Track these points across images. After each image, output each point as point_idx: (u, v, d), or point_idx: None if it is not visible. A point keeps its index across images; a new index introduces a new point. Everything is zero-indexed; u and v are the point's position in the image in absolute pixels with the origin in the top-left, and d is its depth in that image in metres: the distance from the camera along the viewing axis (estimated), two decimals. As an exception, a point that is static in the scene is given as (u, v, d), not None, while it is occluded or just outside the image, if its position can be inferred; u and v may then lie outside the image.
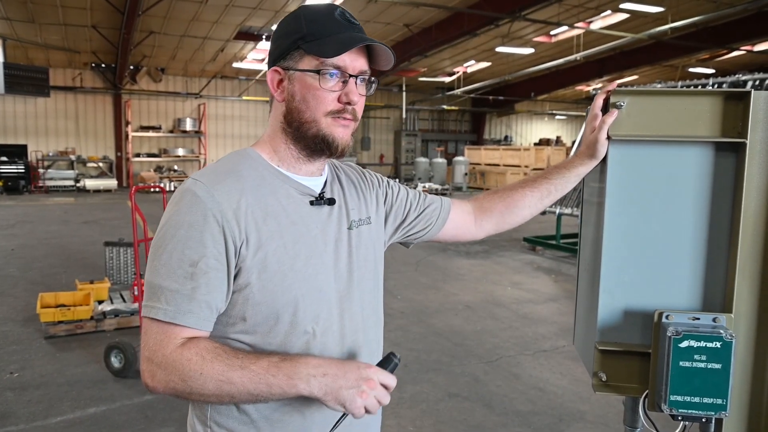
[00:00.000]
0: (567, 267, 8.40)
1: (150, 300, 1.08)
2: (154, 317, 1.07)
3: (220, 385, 1.03)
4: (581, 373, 4.31)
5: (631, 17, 14.85)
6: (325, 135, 1.15)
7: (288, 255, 1.13)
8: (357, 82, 1.15)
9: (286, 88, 1.16)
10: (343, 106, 1.14)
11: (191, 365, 1.03)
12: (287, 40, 1.15)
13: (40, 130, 21.11)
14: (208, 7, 13.73)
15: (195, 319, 1.07)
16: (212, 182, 1.11)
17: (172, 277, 1.06)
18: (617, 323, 1.16)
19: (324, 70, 1.12)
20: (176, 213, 1.09)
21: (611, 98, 1.11)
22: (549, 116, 31.52)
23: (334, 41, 1.11)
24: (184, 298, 1.06)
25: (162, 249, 1.08)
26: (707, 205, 1.11)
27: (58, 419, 3.57)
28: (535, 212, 1.47)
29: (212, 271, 1.07)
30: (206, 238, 1.07)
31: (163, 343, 1.06)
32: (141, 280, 5.04)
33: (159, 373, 1.05)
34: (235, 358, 1.05)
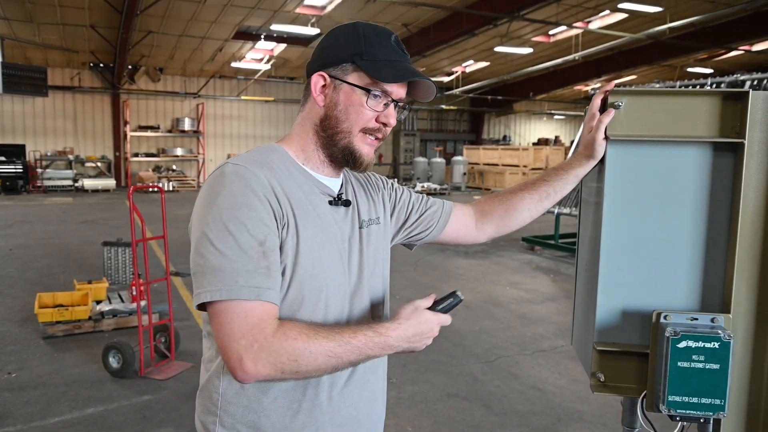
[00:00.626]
0: (565, 267, 8.41)
1: (220, 283, 1.05)
2: (237, 297, 1.05)
3: (328, 360, 1.07)
4: (580, 373, 4.31)
5: (630, 17, 14.86)
6: (354, 149, 1.21)
7: (317, 244, 1.18)
8: (397, 107, 1.22)
9: (329, 95, 1.20)
10: (380, 126, 1.21)
11: (299, 344, 1.05)
12: (342, 51, 1.20)
13: (39, 130, 21.09)
14: (207, 6, 13.71)
15: (275, 294, 1.09)
16: (253, 166, 1.15)
17: (244, 258, 1.06)
18: (615, 323, 1.16)
19: (374, 91, 1.18)
20: (227, 195, 1.09)
21: (609, 98, 1.11)
22: (547, 116, 31.54)
23: (390, 67, 1.17)
24: (263, 276, 1.07)
25: (223, 232, 1.07)
26: (705, 205, 1.11)
27: (56, 420, 3.56)
28: (535, 215, 1.48)
29: (276, 249, 1.11)
30: (264, 217, 1.10)
31: (259, 327, 1.05)
32: (139, 280, 5.04)
33: (263, 356, 1.03)
34: (337, 333, 1.08)
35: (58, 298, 5.42)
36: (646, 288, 1.14)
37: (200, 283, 1.08)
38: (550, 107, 30.60)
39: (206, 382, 1.23)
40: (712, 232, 1.11)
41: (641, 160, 1.12)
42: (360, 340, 1.09)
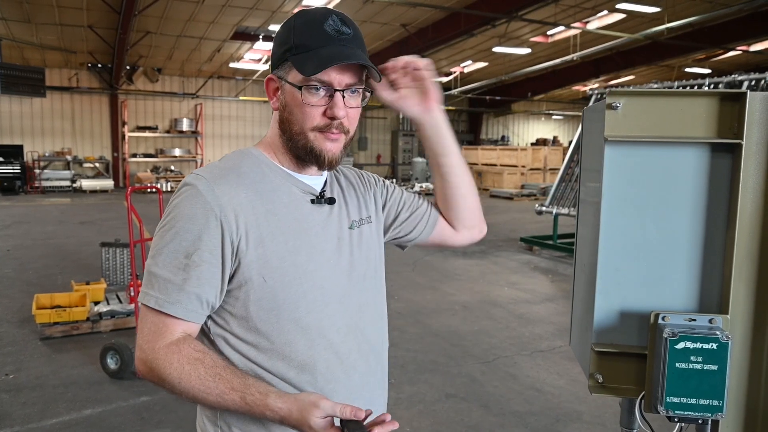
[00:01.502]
0: (564, 267, 8.41)
1: (145, 287, 1.11)
2: (146, 304, 1.10)
3: (198, 400, 1.07)
4: (578, 374, 4.31)
5: (628, 17, 14.87)
6: (313, 148, 1.15)
7: (289, 251, 1.14)
8: (347, 95, 1.13)
9: (280, 97, 1.17)
10: (329, 121, 1.13)
11: (171, 371, 1.06)
12: (279, 49, 1.15)
13: (36, 131, 21.05)
14: (205, 7, 13.70)
15: (182, 309, 1.08)
16: (214, 178, 1.13)
17: (167, 267, 1.09)
18: (613, 324, 1.16)
19: (308, 86, 1.11)
20: (177, 205, 1.12)
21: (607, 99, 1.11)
22: (546, 116, 31.55)
23: (315, 57, 1.09)
24: (175, 288, 1.08)
25: (161, 238, 1.11)
26: (703, 205, 1.11)
27: (54, 421, 3.55)
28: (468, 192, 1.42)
29: (205, 264, 1.09)
30: (203, 232, 1.09)
31: (155, 335, 1.08)
32: (137, 281, 5.02)
33: (145, 365, 1.09)
34: (212, 379, 1.05)
35: (56, 299, 5.41)
36: (644, 289, 1.14)
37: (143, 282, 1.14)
38: (548, 107, 30.62)
39: None
40: (710, 232, 1.11)
41: (639, 161, 1.11)
42: (234, 399, 1.04)
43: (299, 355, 1.16)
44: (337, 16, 1.14)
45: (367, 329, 1.27)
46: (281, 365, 1.15)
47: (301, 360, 1.16)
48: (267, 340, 1.14)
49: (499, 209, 16.06)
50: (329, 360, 1.19)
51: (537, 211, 9.87)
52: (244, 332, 1.14)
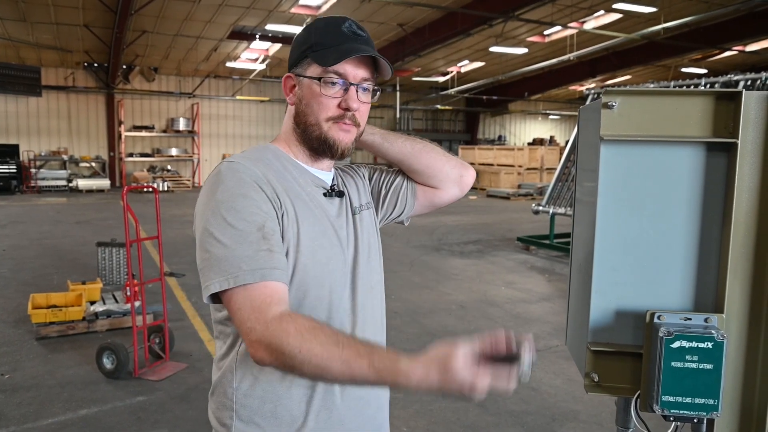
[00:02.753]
0: (560, 266, 8.42)
1: (226, 272, 1.07)
2: (242, 283, 1.06)
3: (321, 372, 1.02)
4: (575, 373, 4.31)
5: (624, 17, 14.90)
6: (327, 137, 1.24)
7: (316, 233, 1.23)
8: (358, 90, 1.24)
9: (296, 92, 1.27)
10: (343, 111, 1.23)
11: (290, 341, 1.01)
12: (299, 49, 1.27)
13: (32, 130, 20.99)
14: (201, 6, 13.68)
15: (281, 273, 1.11)
16: (248, 162, 1.20)
17: (244, 245, 1.09)
18: (609, 324, 1.16)
19: (326, 78, 1.21)
20: (223, 190, 1.14)
21: (603, 98, 1.11)
22: (542, 116, 31.60)
23: (335, 51, 1.20)
24: (265, 258, 1.10)
25: (222, 225, 1.11)
26: (699, 205, 1.11)
27: (50, 421, 3.54)
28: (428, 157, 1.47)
29: (276, 233, 1.15)
30: (261, 204, 1.14)
31: (260, 310, 1.05)
32: (133, 280, 5.02)
33: (261, 344, 1.04)
34: (336, 346, 1.01)
35: (52, 298, 5.39)
36: (639, 288, 1.14)
37: (207, 276, 1.10)
38: (545, 107, 30.66)
39: (219, 379, 1.26)
40: (705, 232, 1.12)
41: (635, 161, 1.11)
42: (362, 365, 1.00)
43: None
44: (352, 21, 1.26)
45: (375, 309, 1.37)
46: None
47: None
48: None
49: (495, 209, 16.07)
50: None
51: (534, 211, 9.88)
52: None
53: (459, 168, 1.50)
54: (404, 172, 1.51)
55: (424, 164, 1.46)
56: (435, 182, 1.49)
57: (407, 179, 1.51)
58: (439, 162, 1.47)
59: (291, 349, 1.01)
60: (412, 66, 20.59)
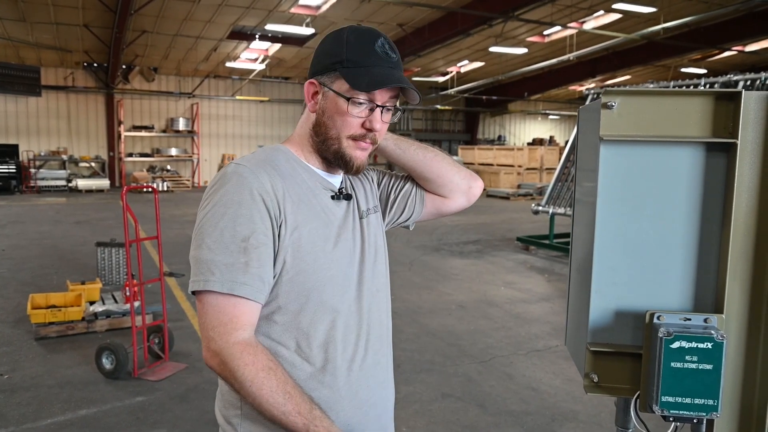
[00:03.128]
0: (560, 266, 8.42)
1: (201, 274, 1.13)
2: (210, 289, 1.12)
3: (260, 407, 1.11)
4: (574, 373, 4.31)
5: (624, 17, 14.90)
6: (344, 154, 1.26)
7: (320, 237, 1.23)
8: (383, 111, 1.24)
9: (319, 102, 1.26)
10: (365, 132, 1.24)
11: (245, 372, 1.10)
12: (327, 58, 1.24)
13: (32, 130, 20.98)
14: (201, 6, 13.68)
15: (250, 290, 1.13)
16: (254, 166, 1.20)
17: (225, 252, 1.13)
18: (609, 324, 1.16)
19: (354, 98, 1.21)
20: (224, 193, 1.16)
21: (603, 98, 1.10)
22: (542, 116, 31.60)
23: (368, 75, 1.19)
24: (239, 271, 1.12)
25: (213, 227, 1.14)
26: (698, 205, 1.11)
27: (49, 421, 3.54)
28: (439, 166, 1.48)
29: (262, 246, 1.15)
30: (255, 215, 1.15)
31: (226, 327, 1.12)
32: (133, 280, 5.02)
33: (217, 358, 1.12)
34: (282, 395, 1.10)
35: (51, 298, 5.39)
36: (639, 288, 1.14)
37: (191, 273, 1.16)
38: (544, 107, 30.66)
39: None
40: (705, 232, 1.11)
41: (634, 161, 1.11)
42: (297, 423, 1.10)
43: (322, 334, 1.23)
44: (385, 39, 1.24)
45: (381, 312, 1.37)
46: (304, 344, 1.22)
47: (323, 339, 1.23)
48: (294, 319, 1.21)
49: (495, 209, 16.07)
50: (348, 340, 1.27)
51: (533, 211, 9.88)
52: (271, 313, 1.21)
53: (468, 179, 1.52)
54: (413, 178, 1.52)
55: (435, 173, 1.47)
56: (444, 191, 1.50)
57: (416, 186, 1.52)
58: (450, 172, 1.49)
59: (242, 380, 1.10)
60: (412, 66, 20.59)
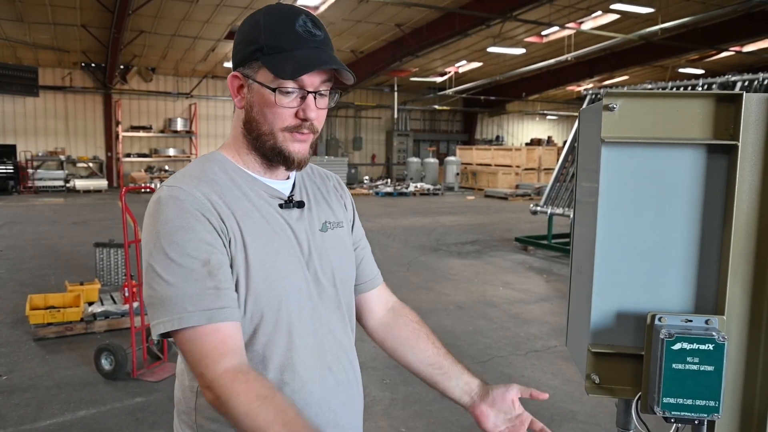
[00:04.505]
0: (558, 267, 8.43)
1: (172, 313, 1.03)
2: (188, 325, 1.03)
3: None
4: (573, 373, 4.32)
5: (622, 18, 14.93)
6: (281, 149, 1.14)
7: (267, 254, 1.13)
8: (316, 97, 1.13)
9: (246, 96, 1.14)
10: (300, 122, 1.13)
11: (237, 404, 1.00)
12: (246, 47, 1.12)
13: (30, 130, 20.94)
14: (199, 6, 13.67)
15: (230, 312, 1.06)
16: (189, 185, 1.10)
17: (190, 283, 1.04)
18: (610, 325, 1.16)
19: (281, 88, 1.09)
20: (164, 221, 1.06)
21: (604, 100, 1.11)
22: (540, 116, 31.63)
23: (291, 60, 1.07)
24: (212, 296, 1.04)
25: (164, 260, 1.05)
26: (699, 206, 1.11)
27: (48, 422, 3.54)
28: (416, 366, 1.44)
29: (224, 265, 1.07)
30: (205, 236, 1.06)
31: (210, 358, 1.02)
32: (132, 281, 5.01)
33: (211, 393, 1.02)
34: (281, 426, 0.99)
35: (50, 299, 5.38)
36: (640, 290, 1.14)
37: (153, 314, 1.06)
38: (542, 107, 30.69)
39: (180, 395, 1.21)
40: (706, 233, 1.12)
41: (636, 162, 1.11)
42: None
43: (278, 356, 1.15)
44: (307, 16, 1.12)
45: (339, 330, 1.27)
46: (260, 367, 1.14)
47: (281, 361, 1.15)
48: (249, 341, 1.13)
49: (493, 209, 16.08)
50: (306, 361, 1.18)
51: (532, 211, 9.89)
52: None
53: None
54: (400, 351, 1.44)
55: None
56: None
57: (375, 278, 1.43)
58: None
59: (236, 412, 1.00)
60: (410, 66, 20.59)
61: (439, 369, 1.39)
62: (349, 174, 22.74)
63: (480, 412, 1.34)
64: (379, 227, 11.69)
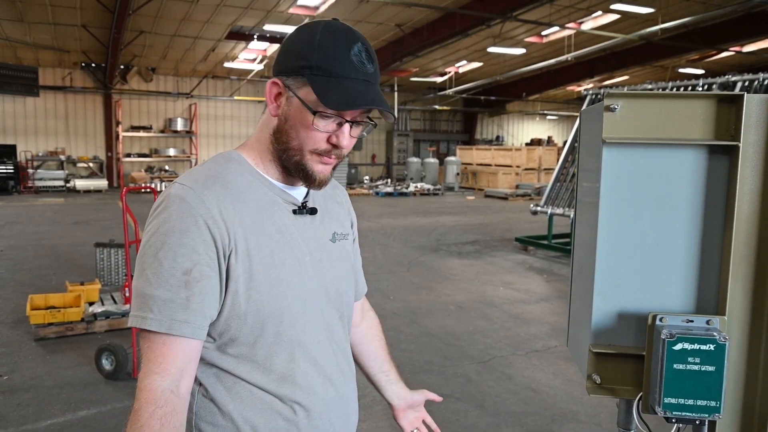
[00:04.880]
0: (559, 267, 8.43)
1: (140, 310, 1.04)
2: (148, 328, 1.03)
3: None
4: (573, 373, 4.32)
5: (622, 18, 14.92)
6: (306, 168, 1.14)
7: (274, 264, 1.12)
8: (352, 126, 1.12)
9: (283, 106, 1.13)
10: (331, 147, 1.12)
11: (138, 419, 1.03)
12: (295, 60, 1.09)
13: (30, 130, 20.94)
14: (199, 6, 13.66)
15: (190, 328, 1.05)
16: (200, 188, 1.09)
17: (164, 286, 1.04)
18: (611, 326, 1.16)
19: (321, 112, 1.08)
20: (166, 220, 1.06)
21: (606, 101, 1.11)
22: (540, 116, 31.62)
23: (339, 89, 1.06)
24: (179, 307, 1.04)
25: (152, 257, 1.05)
26: (700, 207, 1.11)
27: (49, 422, 3.54)
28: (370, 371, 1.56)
29: (205, 279, 1.05)
30: (198, 245, 1.05)
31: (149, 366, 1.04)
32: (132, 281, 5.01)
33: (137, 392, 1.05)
34: None
35: (50, 299, 5.38)
36: (641, 290, 1.14)
37: (132, 304, 1.08)
38: (542, 107, 30.69)
39: None
40: (707, 234, 1.12)
41: (637, 163, 1.12)
42: None
43: (280, 367, 1.15)
44: (363, 44, 1.10)
45: (341, 342, 1.28)
46: (261, 377, 1.14)
47: (282, 372, 1.15)
48: (249, 351, 1.12)
49: (493, 209, 16.08)
50: (308, 372, 1.18)
51: (532, 211, 9.89)
52: (225, 345, 1.12)
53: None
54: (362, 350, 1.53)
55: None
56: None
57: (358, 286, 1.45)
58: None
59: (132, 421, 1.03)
60: (410, 66, 20.59)
61: (386, 375, 1.55)
62: (349, 174, 22.72)
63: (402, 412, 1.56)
64: (379, 227, 11.70)
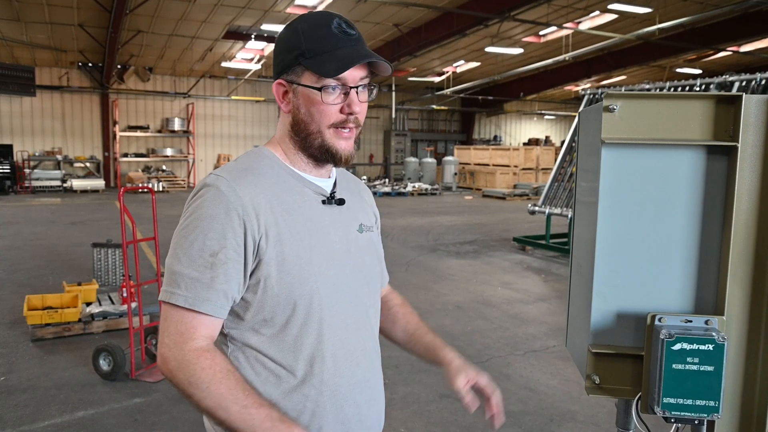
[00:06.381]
0: (557, 267, 8.44)
1: (170, 286, 1.14)
2: (174, 303, 1.12)
3: (217, 409, 1.09)
4: (572, 373, 4.33)
5: (619, 18, 14.95)
6: (329, 147, 1.22)
7: (305, 249, 1.20)
8: (358, 91, 1.21)
9: (291, 100, 1.22)
10: (346, 116, 1.21)
11: (202, 375, 1.09)
12: (288, 55, 1.20)
13: (26, 130, 20.91)
14: (197, 6, 13.65)
15: (212, 306, 1.13)
16: (234, 178, 1.18)
17: (192, 266, 1.13)
18: (610, 326, 1.16)
19: (326, 86, 1.17)
20: (200, 206, 1.15)
21: (604, 101, 1.11)
22: (538, 116, 31.66)
23: (332, 59, 1.16)
24: (203, 286, 1.12)
25: (184, 239, 1.14)
26: (699, 207, 1.11)
27: (46, 423, 3.53)
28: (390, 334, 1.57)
29: (231, 262, 1.13)
30: (227, 231, 1.13)
31: (183, 334, 1.12)
32: (130, 282, 5.00)
33: (171, 363, 1.11)
34: (242, 392, 1.09)
35: (48, 300, 5.37)
36: (640, 290, 1.14)
37: (164, 279, 1.17)
38: (540, 107, 30.72)
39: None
40: (705, 234, 1.12)
41: (636, 164, 1.12)
42: (261, 413, 1.08)
43: (309, 348, 1.21)
44: (340, 18, 1.20)
45: (370, 327, 1.34)
46: (290, 358, 1.20)
47: (310, 353, 1.21)
48: (280, 333, 1.19)
49: (491, 209, 16.09)
50: (336, 354, 1.24)
51: (530, 211, 9.90)
52: (258, 325, 1.20)
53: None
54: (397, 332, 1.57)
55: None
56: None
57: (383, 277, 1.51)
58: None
59: (200, 383, 1.08)
60: (408, 66, 20.60)
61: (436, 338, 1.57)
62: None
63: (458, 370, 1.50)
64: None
